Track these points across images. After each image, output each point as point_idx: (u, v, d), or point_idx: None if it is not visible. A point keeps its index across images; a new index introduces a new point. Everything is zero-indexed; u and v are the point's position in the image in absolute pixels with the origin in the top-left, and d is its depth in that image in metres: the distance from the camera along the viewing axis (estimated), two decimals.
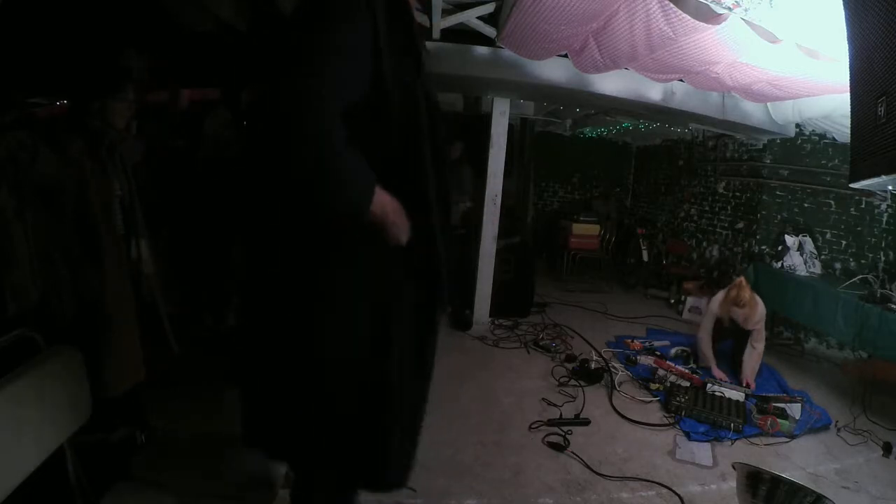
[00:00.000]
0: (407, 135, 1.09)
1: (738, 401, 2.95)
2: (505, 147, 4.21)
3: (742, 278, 3.47)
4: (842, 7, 1.35)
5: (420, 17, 3.15)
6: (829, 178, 4.53)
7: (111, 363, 1.98)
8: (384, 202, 1.04)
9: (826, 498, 1.66)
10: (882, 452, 2.71)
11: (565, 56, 3.38)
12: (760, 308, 3.36)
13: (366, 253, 1.09)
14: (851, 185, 1.46)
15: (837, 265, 4.44)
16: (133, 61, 2.54)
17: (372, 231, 1.06)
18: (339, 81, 0.97)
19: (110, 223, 2.05)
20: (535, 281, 4.84)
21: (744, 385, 3.27)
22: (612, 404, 3.02)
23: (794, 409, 2.91)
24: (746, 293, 3.29)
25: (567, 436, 2.58)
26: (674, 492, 2.22)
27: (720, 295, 3.50)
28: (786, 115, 3.93)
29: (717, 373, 3.40)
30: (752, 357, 3.33)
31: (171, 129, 3.78)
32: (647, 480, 2.29)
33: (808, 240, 4.36)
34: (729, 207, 5.35)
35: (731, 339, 3.60)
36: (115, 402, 2.05)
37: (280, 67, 0.98)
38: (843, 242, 4.47)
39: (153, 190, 2.61)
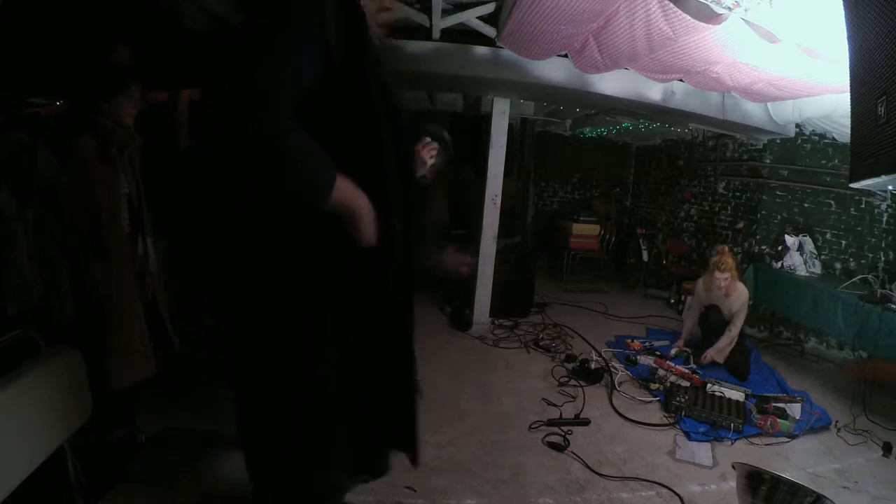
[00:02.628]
0: (362, 131, 1.06)
1: (738, 401, 2.95)
2: (505, 147, 4.21)
3: (725, 246, 3.62)
4: (842, 7, 1.35)
5: (418, 17, 3.15)
6: (829, 178, 4.53)
7: (117, 359, 1.99)
8: (353, 195, 1.01)
9: (826, 498, 1.66)
10: (882, 452, 2.71)
11: (565, 56, 3.38)
12: (742, 289, 3.52)
13: (324, 254, 1.07)
14: (851, 185, 1.46)
15: (837, 265, 4.45)
16: (141, 60, 2.55)
17: (335, 230, 1.02)
18: (287, 76, 0.93)
19: (118, 221, 2.06)
20: (535, 281, 4.84)
21: (703, 359, 3.50)
22: (612, 404, 3.02)
23: (794, 409, 2.91)
24: (729, 259, 3.46)
25: (567, 436, 2.58)
26: (674, 492, 2.22)
27: (701, 280, 3.65)
28: (786, 115, 3.93)
29: (680, 342, 3.62)
30: (724, 339, 3.51)
31: (173, 128, 3.78)
32: (647, 480, 2.29)
33: (808, 240, 4.36)
34: (729, 207, 5.35)
35: (718, 336, 3.62)
36: (115, 401, 2.06)
37: (227, 61, 0.95)
38: (843, 242, 4.48)
39: (155, 189, 2.61)
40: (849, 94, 1.38)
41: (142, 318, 2.16)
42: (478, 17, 3.19)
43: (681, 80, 3.56)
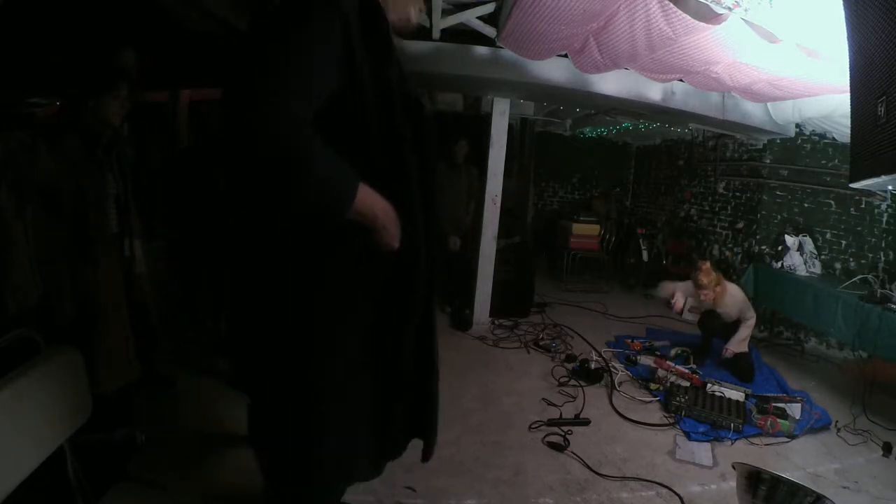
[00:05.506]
0: (386, 138, 1.07)
1: (738, 401, 2.95)
2: (505, 147, 4.21)
3: (707, 263, 3.64)
4: (842, 7, 1.35)
5: (419, 17, 3.15)
6: (829, 178, 4.53)
7: (102, 361, 1.98)
8: (373, 204, 1.02)
9: (826, 498, 1.66)
10: (882, 452, 2.71)
11: (565, 56, 3.38)
12: (733, 292, 3.57)
13: (344, 255, 1.08)
14: (851, 185, 1.46)
15: (837, 265, 4.45)
16: (130, 59, 2.54)
17: (356, 234, 1.03)
18: (308, 85, 0.94)
19: (104, 222, 2.05)
20: (535, 281, 4.84)
21: (724, 353, 3.50)
22: (612, 404, 3.02)
23: (794, 409, 2.91)
24: (705, 278, 3.50)
25: (567, 436, 2.58)
26: (674, 492, 2.22)
27: (692, 283, 3.68)
28: (786, 115, 3.93)
29: (677, 305, 3.64)
30: (741, 331, 3.53)
31: (176, 128, 3.79)
32: (647, 480, 2.29)
33: (808, 240, 4.36)
34: (729, 207, 5.35)
35: (723, 335, 3.62)
36: (114, 401, 2.06)
37: (247, 74, 0.95)
38: (843, 242, 4.48)
39: (156, 189, 2.61)
40: (849, 94, 1.38)
41: (126, 321, 2.14)
42: (478, 17, 3.19)
43: (681, 80, 3.55)
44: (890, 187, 2.95)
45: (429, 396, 1.30)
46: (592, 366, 3.42)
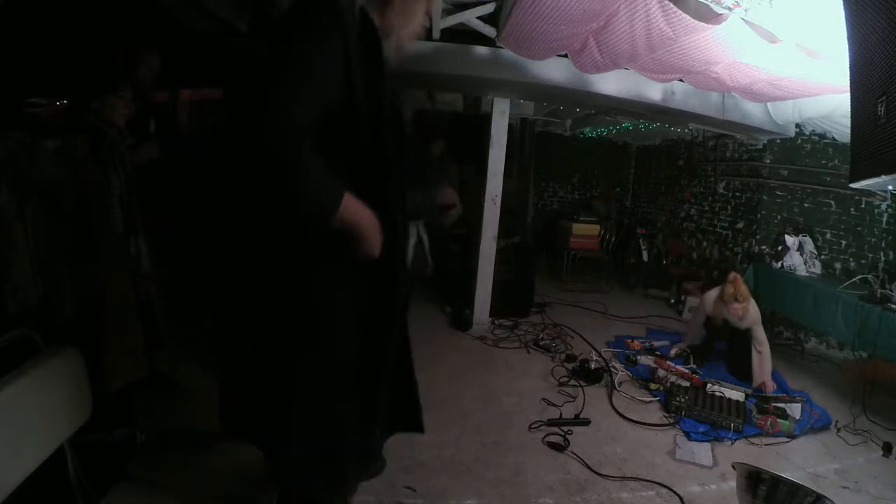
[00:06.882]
0: (373, 151, 1.11)
1: (738, 401, 2.95)
2: (505, 147, 4.21)
3: (735, 274, 3.51)
4: (842, 7, 1.35)
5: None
6: (829, 178, 4.53)
7: (109, 360, 1.99)
8: (358, 213, 1.05)
9: (826, 498, 1.66)
10: (882, 452, 2.71)
11: (565, 56, 3.38)
12: (754, 306, 3.42)
13: (327, 259, 1.10)
14: (851, 185, 1.46)
15: (837, 265, 4.45)
16: (135, 60, 2.55)
17: (339, 239, 1.06)
18: (310, 94, 0.98)
19: (109, 221, 2.05)
20: (535, 281, 4.84)
21: (765, 388, 3.24)
22: (612, 404, 3.02)
23: (794, 409, 2.91)
24: (744, 287, 3.37)
25: (567, 436, 2.58)
26: (674, 492, 2.22)
27: (713, 293, 3.55)
28: (786, 115, 3.93)
29: (682, 345, 3.68)
30: (762, 360, 3.35)
31: (175, 128, 3.78)
32: (647, 480, 2.29)
33: (808, 240, 4.36)
34: (729, 207, 5.35)
35: (725, 339, 3.61)
36: (115, 401, 2.06)
37: (255, 79, 0.99)
38: (843, 242, 4.48)
39: (156, 189, 2.61)
40: (849, 94, 1.38)
41: (135, 319, 2.15)
42: (478, 17, 3.19)
43: (681, 80, 3.55)
44: (890, 187, 2.95)
45: (410, 388, 1.35)
46: (592, 366, 3.42)
